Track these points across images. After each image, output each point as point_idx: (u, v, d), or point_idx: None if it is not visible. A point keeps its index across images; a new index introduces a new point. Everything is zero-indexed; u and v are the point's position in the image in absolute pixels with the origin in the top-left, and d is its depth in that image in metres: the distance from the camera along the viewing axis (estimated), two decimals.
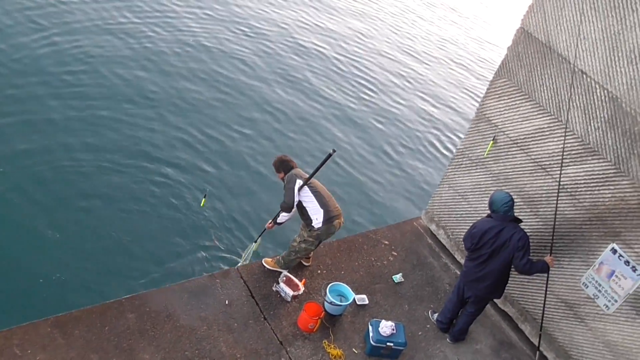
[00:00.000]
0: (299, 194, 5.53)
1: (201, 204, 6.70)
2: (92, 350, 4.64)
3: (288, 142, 9.59)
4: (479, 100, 9.85)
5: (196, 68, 10.56)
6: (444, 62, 15.31)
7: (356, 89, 12.03)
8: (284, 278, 5.73)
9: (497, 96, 6.03)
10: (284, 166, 5.76)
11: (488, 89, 6.16)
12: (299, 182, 5.52)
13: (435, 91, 13.50)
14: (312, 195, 5.57)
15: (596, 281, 5.39)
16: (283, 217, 5.75)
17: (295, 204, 5.57)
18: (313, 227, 5.57)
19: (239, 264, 6.21)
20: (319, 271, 6.13)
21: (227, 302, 5.44)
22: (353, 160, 9.84)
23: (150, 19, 11.53)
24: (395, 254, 6.74)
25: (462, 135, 9.66)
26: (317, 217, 5.54)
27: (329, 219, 5.55)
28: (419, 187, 9.90)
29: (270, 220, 5.91)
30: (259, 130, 9.64)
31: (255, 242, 6.28)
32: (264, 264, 5.96)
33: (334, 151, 5.48)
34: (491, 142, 6.11)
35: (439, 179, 7.32)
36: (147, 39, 10.82)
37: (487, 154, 6.12)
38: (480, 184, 6.35)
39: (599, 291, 5.39)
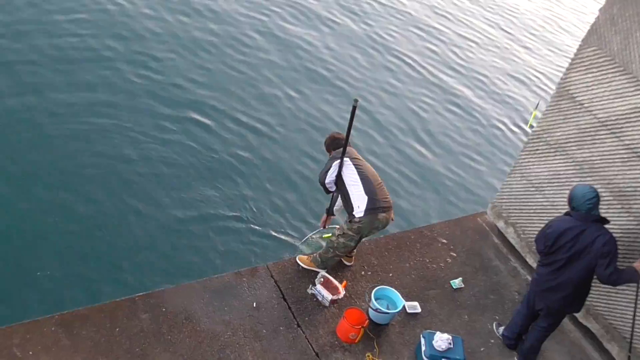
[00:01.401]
0: (339, 171, 5.45)
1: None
2: (101, 354, 4.65)
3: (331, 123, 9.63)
4: (560, 73, 9.63)
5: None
6: (516, 27, 14.96)
7: (409, 67, 11.94)
8: (322, 279, 5.65)
9: (583, 68, 5.77)
10: (334, 144, 5.71)
11: (573, 59, 5.91)
12: (346, 159, 5.47)
13: (507, 61, 13.28)
14: (357, 175, 5.44)
15: None
16: (338, 204, 5.80)
17: (330, 179, 5.51)
18: (354, 216, 5.44)
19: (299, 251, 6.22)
20: (362, 272, 6.04)
21: (254, 305, 5.40)
22: (406, 144, 9.78)
23: None
24: (455, 254, 6.62)
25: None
26: (359, 203, 5.40)
27: (374, 208, 5.39)
28: (484, 176, 9.81)
29: (324, 214, 6.00)
30: (311, 113, 9.78)
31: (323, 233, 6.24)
32: (299, 261, 5.89)
33: (357, 101, 5.21)
34: (534, 111, 5.83)
35: (510, 167, 7.15)
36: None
37: (529, 126, 5.94)
38: (559, 174, 6.14)
39: None
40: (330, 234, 6.07)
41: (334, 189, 5.63)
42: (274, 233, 7.39)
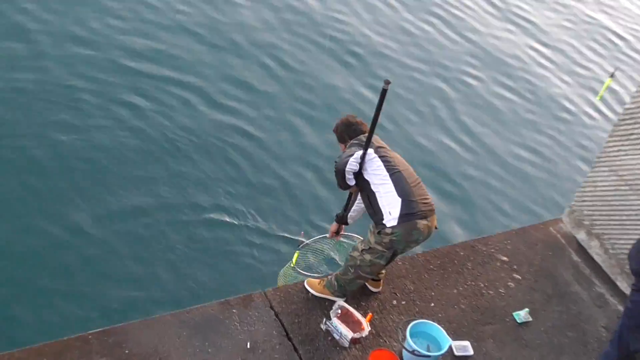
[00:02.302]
0: (362, 167, 5.23)
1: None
2: None
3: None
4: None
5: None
6: None
7: (439, 34, 12.27)
8: (339, 311, 5.42)
9: None
10: (350, 131, 5.49)
11: None
12: (369, 152, 5.23)
13: (577, 21, 13.73)
14: (385, 170, 5.17)
15: None
16: (356, 207, 5.66)
17: (351, 168, 5.25)
18: (384, 226, 5.12)
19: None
20: (394, 301, 5.85)
21: (248, 345, 5.19)
22: (450, 130, 10.00)
23: None
24: (519, 277, 6.46)
25: (632, 90, 9.79)
26: (391, 209, 5.09)
27: (410, 214, 5.07)
28: (557, 170, 9.97)
29: (334, 222, 5.84)
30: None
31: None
32: (307, 287, 5.68)
33: (388, 83, 4.95)
34: (608, 79, 6.02)
35: (593, 159, 7.09)
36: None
37: (599, 98, 6.03)
38: None
39: None
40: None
41: (353, 182, 5.34)
42: (273, 248, 7.34)
